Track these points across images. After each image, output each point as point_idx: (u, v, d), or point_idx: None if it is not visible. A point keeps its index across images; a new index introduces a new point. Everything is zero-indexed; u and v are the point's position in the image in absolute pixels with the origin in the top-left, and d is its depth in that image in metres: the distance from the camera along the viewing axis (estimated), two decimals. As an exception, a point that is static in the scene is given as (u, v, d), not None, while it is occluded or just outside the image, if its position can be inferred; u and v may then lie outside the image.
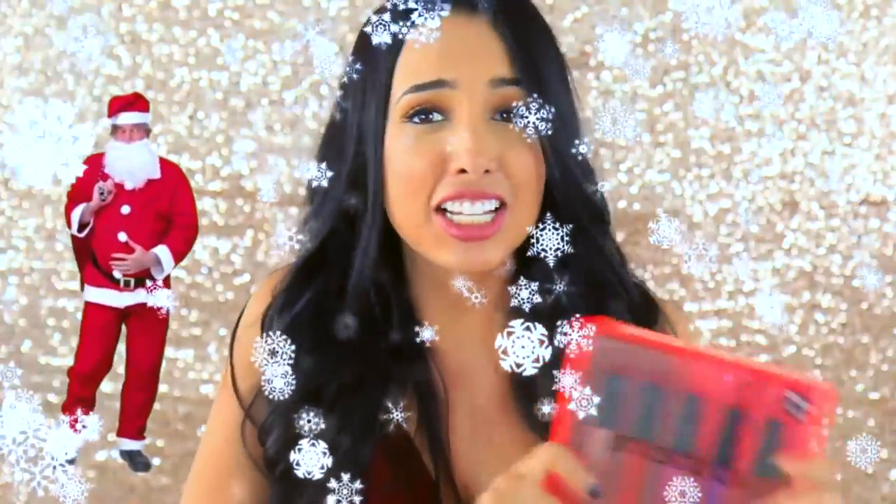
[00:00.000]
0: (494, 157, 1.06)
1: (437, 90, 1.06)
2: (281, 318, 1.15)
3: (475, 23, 1.09)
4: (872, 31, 2.44)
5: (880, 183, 2.47)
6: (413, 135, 1.08)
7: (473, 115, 1.06)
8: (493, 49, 1.07)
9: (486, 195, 1.05)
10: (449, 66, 1.06)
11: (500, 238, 1.08)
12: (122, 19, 2.49)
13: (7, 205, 2.52)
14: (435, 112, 1.08)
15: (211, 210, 2.48)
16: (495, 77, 1.06)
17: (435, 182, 1.06)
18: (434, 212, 1.07)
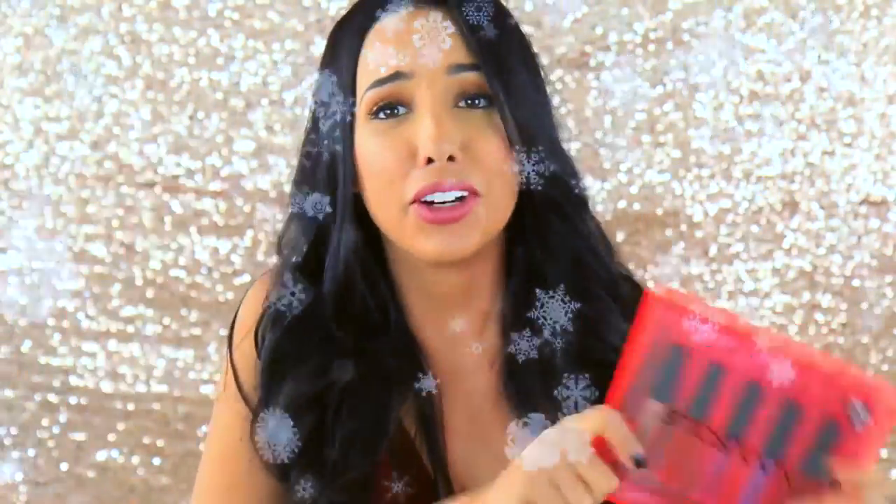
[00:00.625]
0: (458, 142, 1.06)
1: (396, 83, 1.07)
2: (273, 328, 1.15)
3: (432, 15, 1.09)
4: (872, 31, 2.44)
5: (880, 183, 2.46)
6: (379, 131, 1.09)
7: (434, 104, 1.06)
8: (448, 37, 1.07)
9: (455, 186, 1.05)
10: (404, 58, 1.07)
11: (473, 223, 1.08)
12: (121, 19, 2.49)
13: (7, 205, 2.52)
14: (398, 106, 1.09)
15: (211, 210, 2.48)
16: (452, 63, 1.07)
17: (406, 175, 1.07)
18: (409, 203, 1.07)
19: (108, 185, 2.55)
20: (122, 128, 2.54)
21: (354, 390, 1.13)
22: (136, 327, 2.55)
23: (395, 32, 1.10)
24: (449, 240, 1.08)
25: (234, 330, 1.21)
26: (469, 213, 1.08)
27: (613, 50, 2.51)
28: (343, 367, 1.13)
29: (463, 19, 1.09)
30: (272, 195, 2.52)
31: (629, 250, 2.50)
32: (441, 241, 1.08)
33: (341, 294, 1.16)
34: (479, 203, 1.08)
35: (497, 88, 1.08)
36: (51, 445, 2.55)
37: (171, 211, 2.54)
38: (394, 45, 1.10)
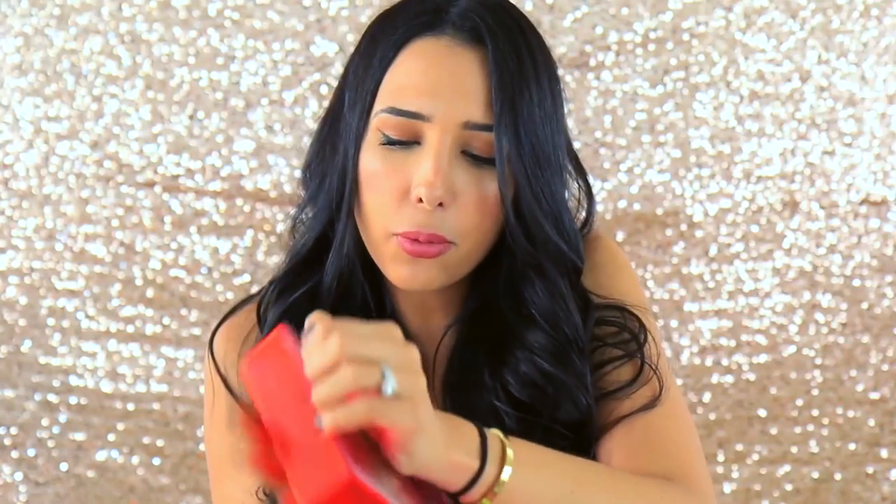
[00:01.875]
0: (452, 191, 1.09)
1: (413, 120, 1.08)
2: (276, 305, 1.18)
3: (467, 55, 1.10)
4: (872, 31, 2.44)
5: (880, 183, 2.46)
6: (384, 154, 1.11)
7: (440, 149, 1.08)
8: (475, 90, 1.09)
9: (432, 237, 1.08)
10: (427, 101, 1.08)
11: (442, 266, 1.11)
12: (121, 19, 2.49)
13: (7, 205, 2.52)
14: (410, 140, 1.10)
15: (211, 210, 2.48)
16: (469, 121, 1.08)
17: (397, 206, 1.10)
18: (393, 234, 1.10)
19: (108, 185, 2.55)
20: (122, 128, 2.54)
21: None
22: (136, 327, 2.55)
23: (428, 66, 1.11)
24: (416, 273, 1.12)
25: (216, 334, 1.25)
26: (442, 253, 1.11)
27: (613, 50, 2.51)
28: None
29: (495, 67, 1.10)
30: (272, 195, 2.52)
31: (629, 250, 2.50)
32: (410, 273, 1.12)
33: (342, 287, 1.19)
34: (452, 251, 1.12)
35: (503, 154, 1.10)
36: (51, 445, 2.55)
37: (171, 211, 2.54)
38: (422, 80, 1.10)
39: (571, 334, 1.18)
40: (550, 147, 1.15)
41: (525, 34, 1.15)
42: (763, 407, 2.52)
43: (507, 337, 1.18)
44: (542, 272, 1.17)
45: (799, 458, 2.51)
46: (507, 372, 1.17)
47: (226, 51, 2.53)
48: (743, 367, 2.51)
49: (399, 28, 1.15)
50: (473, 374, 1.19)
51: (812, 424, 2.51)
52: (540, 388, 1.17)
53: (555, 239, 1.14)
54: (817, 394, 2.51)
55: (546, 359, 1.17)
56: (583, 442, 1.17)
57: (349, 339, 0.89)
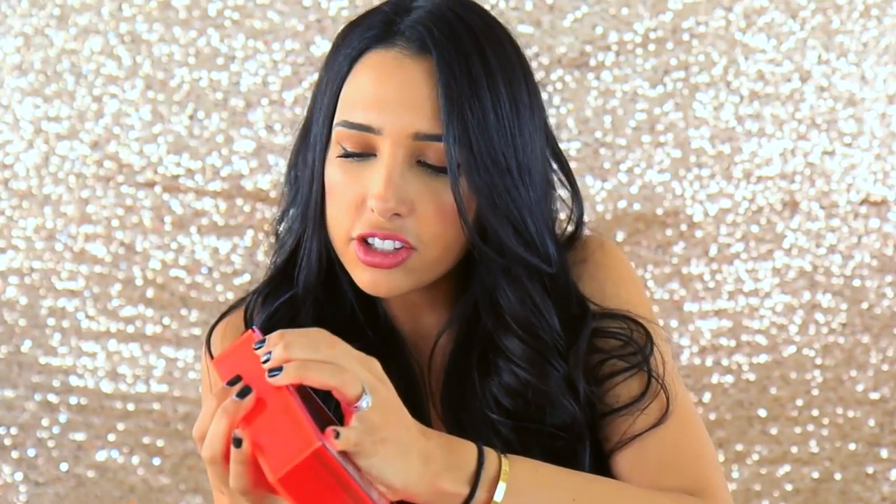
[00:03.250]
0: (406, 202, 1.09)
1: (364, 133, 1.10)
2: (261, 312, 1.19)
3: (416, 66, 1.11)
4: (872, 31, 2.44)
5: (880, 183, 2.46)
6: (343, 166, 1.13)
7: (393, 163, 1.09)
8: (422, 101, 1.10)
9: (392, 237, 1.09)
10: (376, 114, 1.09)
11: (404, 272, 1.12)
12: (121, 19, 2.49)
13: (7, 205, 2.52)
14: (364, 152, 1.12)
15: (211, 210, 2.48)
16: (419, 132, 1.09)
17: (355, 215, 1.11)
18: (351, 239, 1.11)
19: (108, 185, 2.55)
20: (122, 128, 2.54)
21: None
22: (136, 327, 2.55)
23: (377, 78, 1.12)
24: (378, 281, 1.13)
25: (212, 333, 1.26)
26: (401, 263, 1.12)
27: (613, 50, 2.51)
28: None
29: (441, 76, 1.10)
30: (272, 195, 2.52)
31: (629, 250, 2.50)
32: (371, 280, 1.13)
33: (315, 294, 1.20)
34: (414, 256, 1.12)
35: (452, 163, 1.10)
36: (51, 445, 2.55)
37: (171, 211, 2.54)
38: (371, 93, 1.12)
39: (549, 339, 1.18)
40: (510, 152, 1.14)
41: (478, 40, 1.14)
42: (763, 407, 2.52)
43: (491, 345, 1.19)
44: (511, 278, 1.17)
45: (799, 458, 2.51)
46: (492, 383, 1.17)
47: (226, 51, 2.53)
48: (743, 367, 2.51)
49: (354, 41, 1.16)
50: (467, 384, 1.19)
51: (812, 424, 2.51)
52: (522, 396, 1.17)
53: (512, 245, 1.14)
54: (817, 394, 2.51)
55: (524, 367, 1.17)
56: (578, 439, 1.17)
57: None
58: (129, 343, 2.55)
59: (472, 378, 1.18)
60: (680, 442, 1.16)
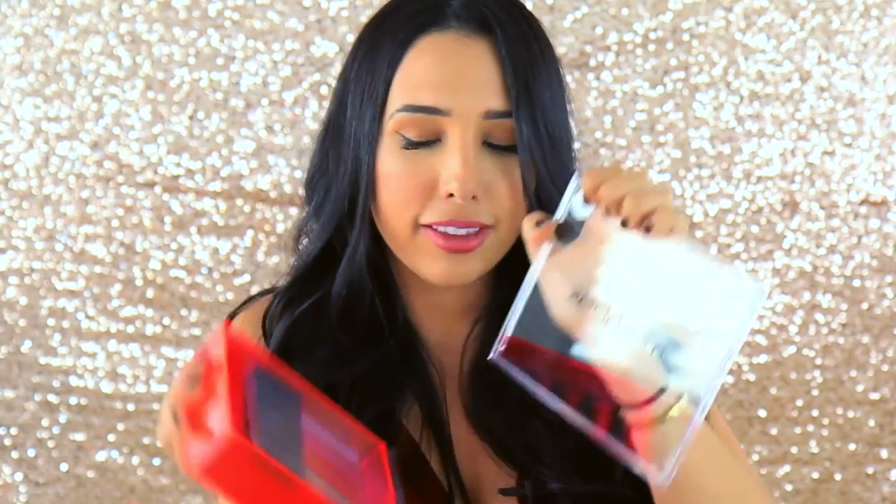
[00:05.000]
0: (483, 183, 1.08)
1: (432, 115, 1.07)
2: (283, 318, 1.16)
3: (477, 45, 1.10)
4: (872, 31, 2.44)
5: (880, 183, 2.46)
6: (405, 155, 1.09)
7: (465, 143, 1.07)
8: (490, 79, 1.09)
9: (470, 223, 1.07)
10: (445, 95, 1.07)
11: (481, 254, 1.10)
12: (121, 19, 2.49)
13: (7, 205, 2.52)
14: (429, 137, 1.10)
15: (211, 210, 2.48)
16: (489, 110, 1.07)
17: (423, 203, 1.09)
18: (421, 226, 1.09)
19: (108, 185, 2.55)
20: (122, 128, 2.54)
21: (365, 385, 1.14)
22: (136, 327, 2.55)
23: (440, 60, 1.10)
24: (454, 268, 1.11)
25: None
26: (482, 243, 1.10)
27: (613, 50, 2.51)
28: (354, 362, 1.14)
29: (507, 54, 1.10)
30: (272, 195, 2.52)
31: (629, 250, 2.50)
32: (447, 268, 1.10)
33: (352, 295, 1.17)
34: (491, 234, 1.11)
35: (524, 140, 1.09)
36: (51, 445, 2.55)
37: (171, 211, 2.54)
38: (436, 75, 1.10)
39: None
40: (563, 126, 1.15)
41: (528, 19, 1.15)
42: (763, 407, 2.52)
43: None
44: None
45: (799, 458, 2.51)
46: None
47: (226, 51, 2.53)
48: (743, 368, 2.51)
49: (400, 28, 1.14)
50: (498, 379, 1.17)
51: (812, 425, 2.51)
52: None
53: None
54: (817, 394, 2.51)
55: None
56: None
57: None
58: (129, 343, 2.55)
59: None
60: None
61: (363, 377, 1.14)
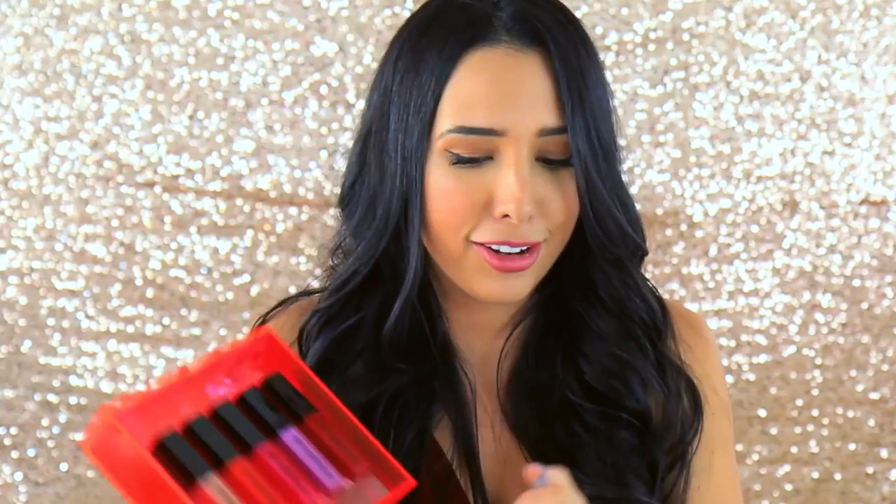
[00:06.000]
0: (537, 202, 1.06)
1: (486, 137, 1.05)
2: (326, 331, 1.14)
3: (529, 60, 1.07)
4: (872, 31, 2.44)
5: (880, 183, 2.46)
6: (455, 171, 1.07)
7: (520, 163, 1.05)
8: (544, 95, 1.06)
9: (525, 243, 1.05)
10: (498, 116, 1.04)
11: (533, 270, 1.08)
12: (121, 19, 2.49)
13: (7, 205, 2.52)
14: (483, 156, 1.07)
15: (211, 210, 2.48)
16: (545, 127, 1.05)
17: (476, 222, 1.07)
18: (473, 243, 1.07)
19: (108, 184, 2.55)
20: (122, 128, 2.54)
21: (402, 403, 1.13)
22: (136, 327, 2.55)
23: (492, 78, 1.06)
24: (507, 286, 1.09)
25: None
26: (532, 262, 1.09)
27: (613, 50, 2.51)
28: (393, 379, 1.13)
29: (560, 67, 1.07)
30: (272, 195, 2.52)
31: (629, 250, 2.50)
32: (500, 287, 1.09)
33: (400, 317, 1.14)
34: (542, 250, 1.09)
35: (581, 156, 1.07)
36: (51, 445, 2.55)
37: (171, 211, 2.54)
38: (489, 94, 1.06)
39: (648, 319, 1.17)
40: (612, 136, 1.14)
41: (575, 25, 1.12)
42: (763, 407, 2.52)
43: (578, 329, 1.15)
44: (617, 263, 1.15)
45: (799, 458, 2.51)
46: (583, 363, 1.14)
47: (226, 51, 2.53)
48: (743, 367, 2.51)
49: (446, 42, 1.09)
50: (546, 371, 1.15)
51: (812, 424, 2.51)
52: (617, 375, 1.15)
53: (628, 230, 1.13)
54: (817, 394, 2.51)
55: (622, 346, 1.15)
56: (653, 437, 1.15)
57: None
58: (129, 343, 2.55)
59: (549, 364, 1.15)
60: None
61: (400, 394, 1.13)
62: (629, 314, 1.16)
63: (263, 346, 1.04)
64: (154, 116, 2.53)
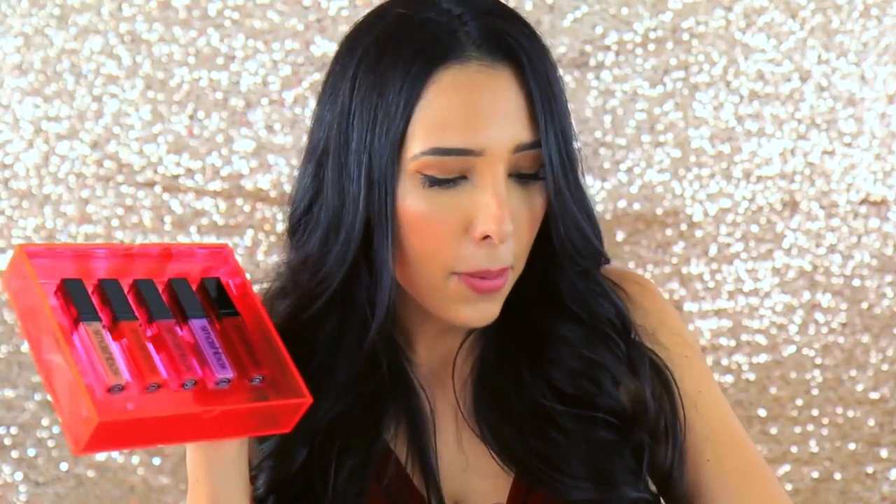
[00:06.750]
0: (514, 219, 1.05)
1: (462, 157, 1.03)
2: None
3: (500, 76, 1.05)
4: (872, 31, 2.44)
5: (880, 183, 2.46)
6: (431, 197, 1.05)
7: (497, 182, 1.04)
8: (517, 111, 1.05)
9: (503, 271, 1.04)
10: (475, 135, 1.03)
11: (504, 290, 1.08)
12: (121, 19, 2.49)
13: (7, 204, 2.52)
14: (459, 177, 1.06)
15: (211, 210, 2.48)
16: (520, 143, 1.04)
17: (455, 244, 1.05)
18: (453, 273, 1.06)
19: (108, 184, 2.55)
20: (122, 128, 2.54)
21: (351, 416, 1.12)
22: (136, 327, 2.54)
23: (465, 97, 1.03)
24: (485, 308, 1.08)
25: None
26: (506, 281, 1.08)
27: (613, 50, 2.51)
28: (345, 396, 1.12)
29: (533, 80, 1.05)
30: (272, 195, 2.52)
31: (629, 250, 2.50)
32: (479, 311, 1.07)
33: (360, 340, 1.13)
34: (510, 272, 1.08)
35: (554, 169, 1.06)
36: (51, 445, 2.55)
37: (171, 210, 2.54)
38: (462, 114, 1.03)
39: (617, 320, 1.16)
40: (574, 145, 1.12)
41: (538, 36, 1.11)
42: (763, 407, 2.52)
43: (541, 336, 1.15)
44: (584, 273, 1.15)
45: (799, 457, 2.51)
46: (551, 368, 1.13)
47: (226, 51, 2.53)
48: (743, 367, 2.51)
49: (413, 60, 1.07)
50: (510, 378, 1.15)
51: (812, 424, 2.51)
52: (587, 375, 1.14)
53: (594, 242, 1.12)
54: (817, 394, 2.51)
55: (589, 348, 1.14)
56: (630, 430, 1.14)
57: None
58: (129, 343, 2.54)
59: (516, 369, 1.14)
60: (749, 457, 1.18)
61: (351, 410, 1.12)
62: (597, 318, 1.15)
63: (219, 257, 1.13)
64: (154, 116, 2.53)
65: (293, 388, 1.01)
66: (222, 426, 0.99)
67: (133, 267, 1.06)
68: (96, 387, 0.96)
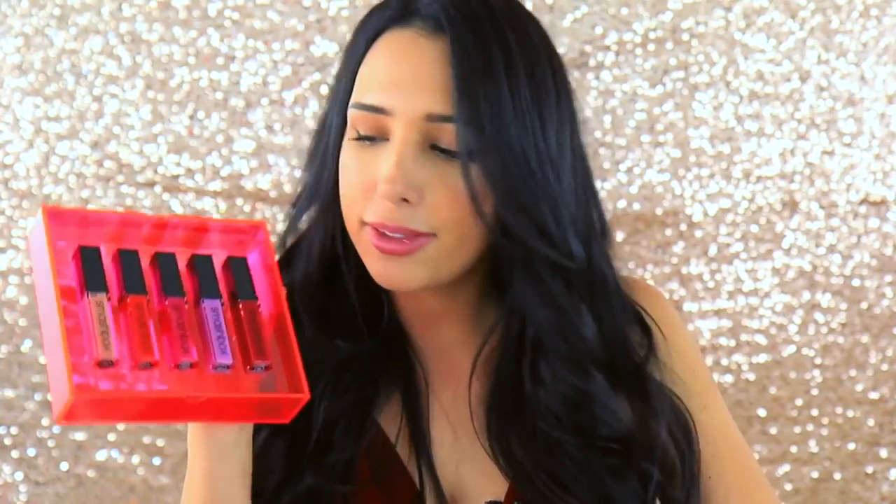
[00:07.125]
0: (416, 187, 1.06)
1: (377, 114, 1.07)
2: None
3: (433, 46, 1.08)
4: (872, 31, 2.44)
5: (880, 183, 2.47)
6: (356, 151, 1.10)
7: (405, 146, 1.06)
8: (437, 81, 1.07)
9: (400, 229, 1.06)
10: (387, 95, 1.06)
11: (421, 260, 1.08)
12: (121, 19, 2.49)
13: (7, 205, 2.52)
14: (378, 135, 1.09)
15: (211, 210, 2.48)
16: (432, 113, 1.06)
17: (366, 201, 1.09)
18: (365, 223, 1.08)
19: (108, 184, 2.55)
20: (122, 127, 2.54)
21: (348, 371, 1.13)
22: (136, 327, 2.55)
23: (391, 59, 1.08)
24: (393, 271, 1.08)
25: None
26: (417, 250, 1.07)
27: (613, 50, 2.51)
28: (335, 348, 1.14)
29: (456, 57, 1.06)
30: (272, 195, 2.52)
31: (629, 250, 2.51)
32: (385, 270, 1.08)
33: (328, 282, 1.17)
34: (432, 243, 1.08)
35: (463, 145, 1.06)
36: (51, 445, 2.55)
37: (172, 211, 2.54)
38: (384, 74, 1.08)
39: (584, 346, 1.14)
40: (529, 141, 1.10)
41: (498, 23, 1.11)
42: (763, 407, 2.52)
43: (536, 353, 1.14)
44: (532, 274, 1.12)
45: (799, 457, 2.51)
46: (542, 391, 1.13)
47: (226, 51, 2.53)
48: (743, 367, 2.51)
49: (373, 22, 1.13)
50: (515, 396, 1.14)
51: (812, 424, 2.51)
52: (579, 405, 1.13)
53: (529, 237, 1.10)
54: (817, 394, 2.51)
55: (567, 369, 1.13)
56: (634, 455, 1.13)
57: None
58: (129, 343, 2.55)
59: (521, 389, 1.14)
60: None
61: (342, 365, 1.13)
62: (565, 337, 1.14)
63: (252, 234, 1.11)
64: (154, 116, 2.53)
65: (293, 381, 1.01)
66: (212, 411, 0.99)
67: (163, 238, 1.05)
68: (87, 358, 0.96)
